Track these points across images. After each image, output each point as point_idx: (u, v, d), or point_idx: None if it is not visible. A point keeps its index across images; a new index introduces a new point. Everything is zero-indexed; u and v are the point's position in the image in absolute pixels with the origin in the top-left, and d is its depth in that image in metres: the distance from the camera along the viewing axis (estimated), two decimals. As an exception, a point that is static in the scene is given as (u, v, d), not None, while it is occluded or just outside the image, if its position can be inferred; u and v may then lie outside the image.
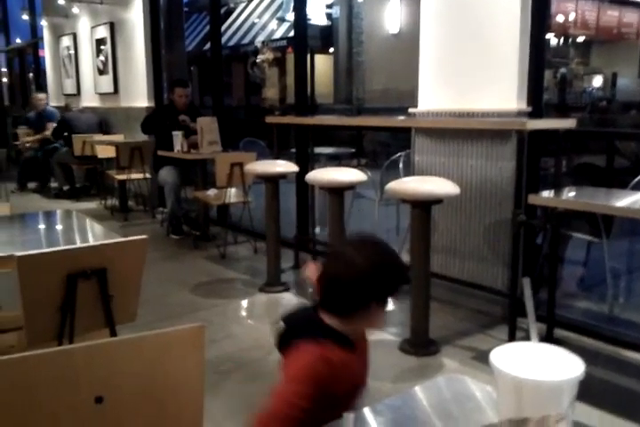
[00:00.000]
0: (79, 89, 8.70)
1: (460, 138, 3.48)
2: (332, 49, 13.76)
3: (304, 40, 5.17)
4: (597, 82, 11.28)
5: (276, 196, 3.97)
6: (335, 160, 6.01)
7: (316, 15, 12.77)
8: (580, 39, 11.73)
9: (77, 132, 7.38)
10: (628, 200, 2.61)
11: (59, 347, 1.56)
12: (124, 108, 7.38)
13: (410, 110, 3.84)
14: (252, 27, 15.13)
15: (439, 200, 2.96)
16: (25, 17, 11.05)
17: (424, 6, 3.69)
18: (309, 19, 8.56)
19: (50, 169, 8.04)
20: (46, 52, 9.96)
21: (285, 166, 3.96)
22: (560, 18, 10.39)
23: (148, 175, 6.32)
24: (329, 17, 13.62)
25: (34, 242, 2.44)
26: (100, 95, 8.03)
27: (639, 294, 3.97)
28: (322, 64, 13.26)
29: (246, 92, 16.25)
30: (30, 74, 12.16)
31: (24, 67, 12.22)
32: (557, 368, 0.75)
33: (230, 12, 15.22)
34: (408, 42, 9.16)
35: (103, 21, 7.63)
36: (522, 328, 3.03)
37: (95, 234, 2.54)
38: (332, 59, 13.85)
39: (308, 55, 5.62)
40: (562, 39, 10.96)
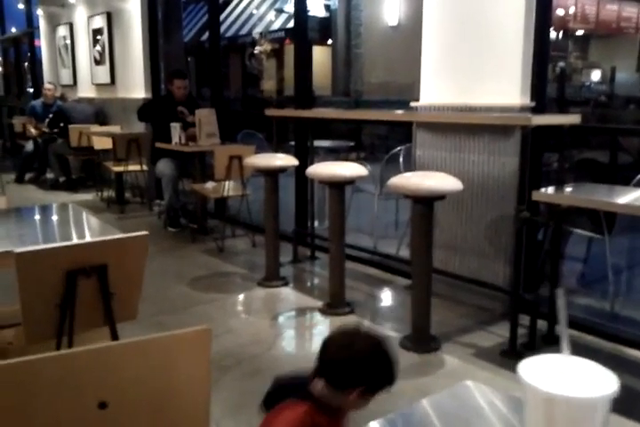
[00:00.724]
0: (75, 79, 8.63)
1: (462, 133, 3.45)
2: (330, 41, 13.68)
3: (304, 32, 5.10)
4: (596, 76, 11.25)
5: (276, 190, 3.93)
6: (333, 153, 5.97)
7: (315, 6, 12.69)
8: (579, 33, 11.71)
9: (74, 122, 7.32)
10: (632, 197, 2.58)
11: (61, 351, 1.53)
12: (120, 99, 7.32)
13: (411, 104, 3.80)
14: (249, 17, 15.02)
15: (442, 196, 2.92)
16: (20, 6, 10.94)
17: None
18: (308, 10, 8.49)
19: (46, 160, 7.97)
20: (42, 42, 9.85)
21: (286, 160, 3.92)
22: (560, 12, 10.35)
23: (145, 167, 6.27)
24: (327, 8, 13.54)
25: (31, 236, 2.41)
26: (97, 86, 7.96)
27: (640, 291, 3.96)
28: (320, 56, 13.18)
29: (244, 83, 16.17)
30: (26, 64, 12.06)
31: (19, 57, 12.11)
32: (590, 384, 0.72)
33: (228, 2, 15.09)
34: (407, 34, 9.11)
35: (100, 11, 7.54)
36: (523, 325, 3.02)
37: (93, 228, 2.51)
38: (330, 51, 13.77)
39: (308, 47, 5.56)
40: (561, 33, 10.93)
